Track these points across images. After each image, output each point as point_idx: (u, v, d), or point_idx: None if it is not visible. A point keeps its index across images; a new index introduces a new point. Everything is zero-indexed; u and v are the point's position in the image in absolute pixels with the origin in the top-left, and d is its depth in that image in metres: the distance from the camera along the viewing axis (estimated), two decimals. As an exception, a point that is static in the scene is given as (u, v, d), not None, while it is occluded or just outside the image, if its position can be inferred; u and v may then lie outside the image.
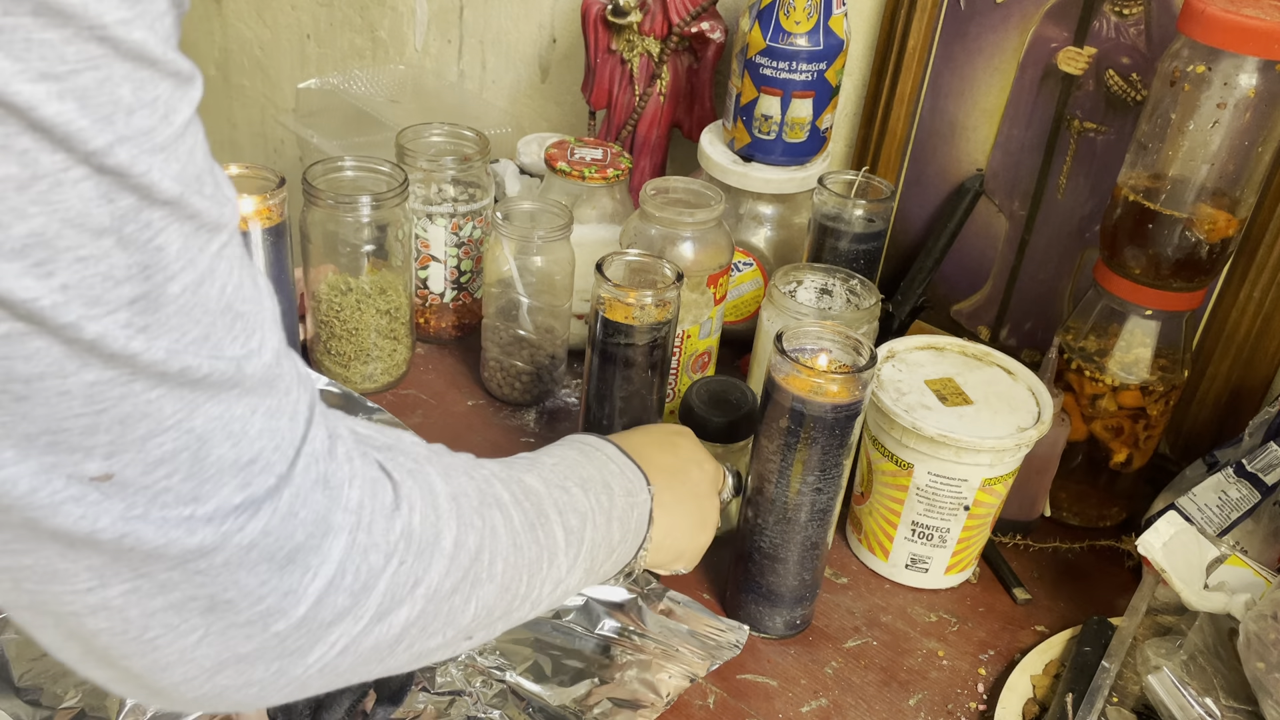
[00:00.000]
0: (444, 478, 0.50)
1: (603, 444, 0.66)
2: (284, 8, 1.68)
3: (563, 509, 0.58)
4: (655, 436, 0.72)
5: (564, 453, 0.63)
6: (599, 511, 0.60)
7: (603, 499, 0.61)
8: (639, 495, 0.65)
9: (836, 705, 0.72)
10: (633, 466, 0.65)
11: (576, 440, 0.66)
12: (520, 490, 0.56)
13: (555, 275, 0.92)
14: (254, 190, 0.83)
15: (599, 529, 0.60)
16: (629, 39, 1.11)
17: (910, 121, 1.02)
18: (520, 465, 0.59)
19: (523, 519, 0.54)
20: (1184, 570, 0.71)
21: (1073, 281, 0.96)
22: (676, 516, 0.68)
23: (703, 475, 0.72)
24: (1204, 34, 0.72)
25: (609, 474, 0.63)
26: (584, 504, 0.59)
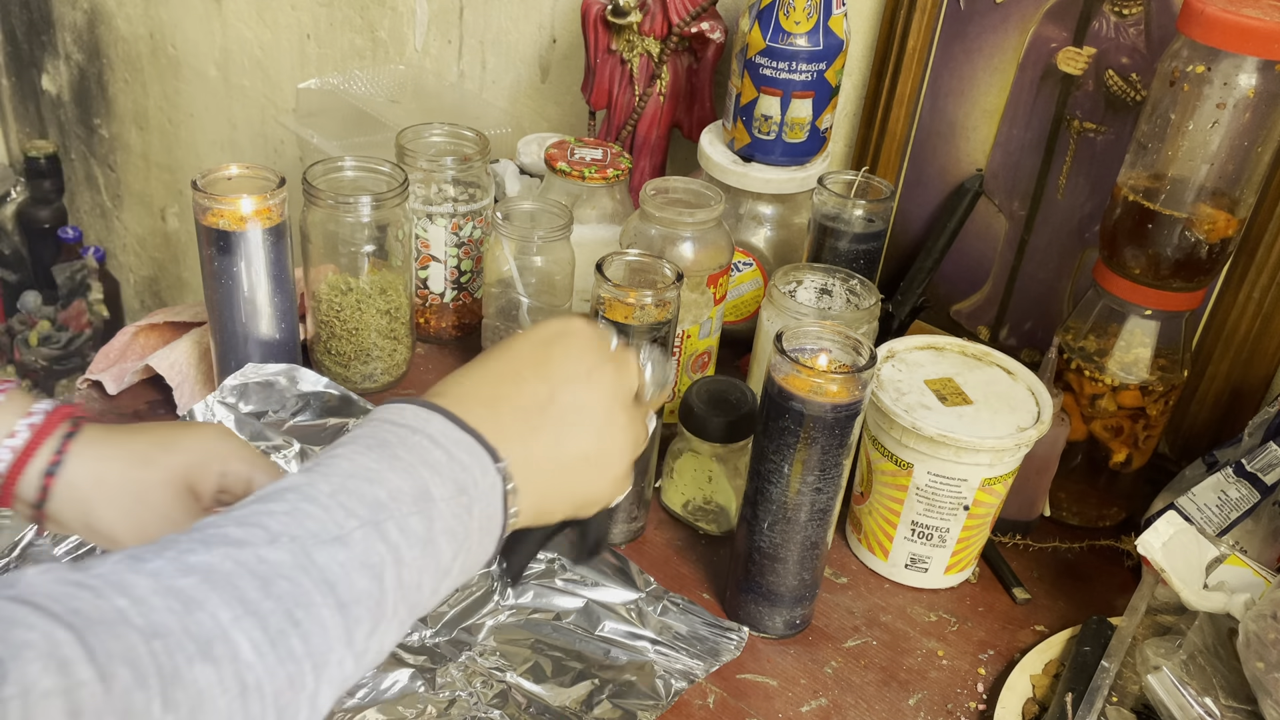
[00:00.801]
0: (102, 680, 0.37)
1: (426, 419, 0.50)
2: (284, 8, 1.68)
3: (336, 579, 0.43)
4: (513, 359, 0.55)
5: (357, 462, 0.48)
6: (408, 545, 0.46)
7: (412, 523, 0.47)
8: (481, 482, 0.50)
9: (836, 705, 0.72)
10: (469, 442, 0.50)
11: (388, 422, 0.50)
12: (257, 585, 0.41)
13: (555, 275, 0.92)
14: (254, 190, 0.83)
15: (410, 566, 0.46)
16: (629, 39, 1.11)
17: (910, 122, 1.02)
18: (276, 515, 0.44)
19: (259, 637, 0.41)
20: (1183, 570, 0.71)
21: (1072, 281, 0.96)
22: (558, 467, 0.54)
23: (592, 389, 0.55)
24: (1204, 34, 0.72)
25: (428, 471, 0.48)
26: (377, 551, 0.45)
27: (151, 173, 2.20)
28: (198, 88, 1.95)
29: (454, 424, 0.50)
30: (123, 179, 2.30)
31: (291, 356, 0.91)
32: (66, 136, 2.41)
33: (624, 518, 0.82)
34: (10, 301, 2.48)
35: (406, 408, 0.51)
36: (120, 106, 2.18)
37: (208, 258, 0.84)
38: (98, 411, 0.90)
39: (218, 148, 1.98)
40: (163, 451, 0.62)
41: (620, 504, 0.59)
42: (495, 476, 0.50)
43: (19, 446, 0.59)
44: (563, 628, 0.74)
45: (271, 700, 0.41)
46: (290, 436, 0.86)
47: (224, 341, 0.88)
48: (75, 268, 2.41)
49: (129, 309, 2.52)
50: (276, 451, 0.84)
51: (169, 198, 2.20)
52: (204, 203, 0.82)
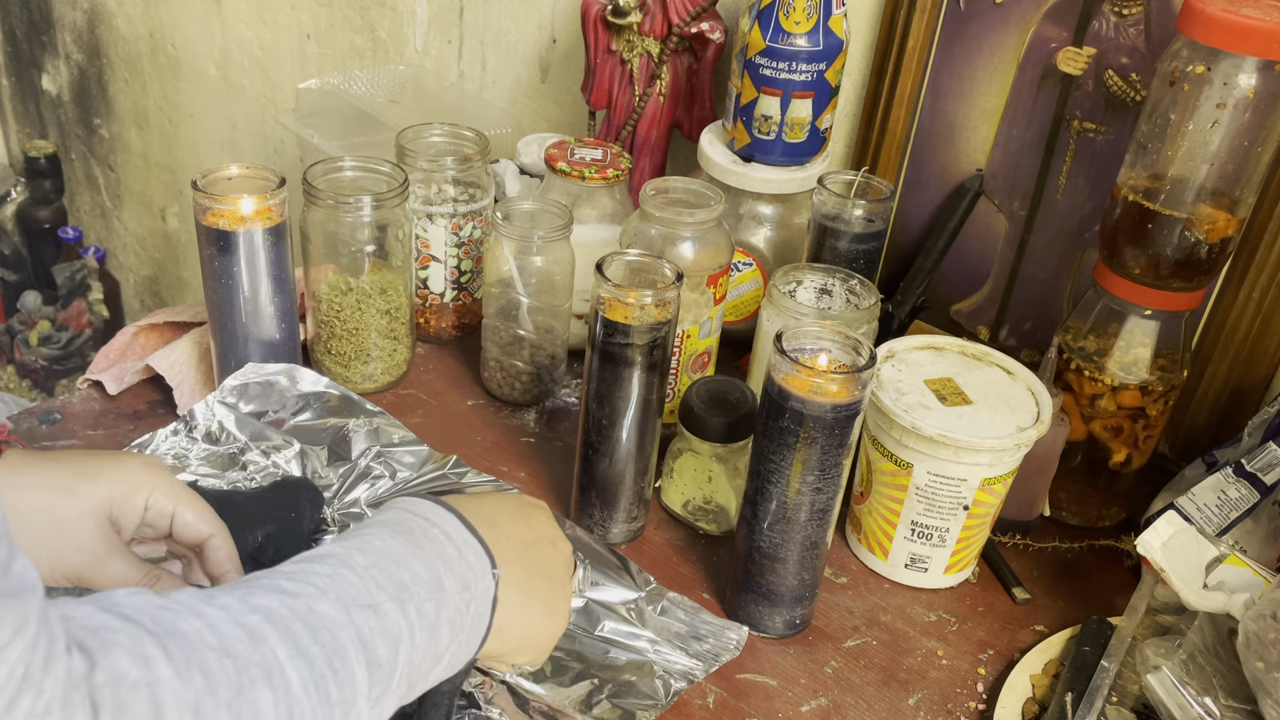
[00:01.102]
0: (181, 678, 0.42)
1: (442, 516, 0.57)
2: (284, 8, 1.68)
3: (368, 640, 0.49)
4: (509, 504, 0.65)
5: (386, 542, 0.54)
6: (420, 626, 0.52)
7: (427, 608, 0.52)
8: (480, 584, 0.56)
9: (836, 705, 0.72)
10: (475, 544, 0.57)
11: (410, 513, 0.57)
12: (307, 631, 0.47)
13: (555, 275, 0.92)
14: (254, 190, 0.83)
15: (418, 646, 0.52)
16: (629, 39, 1.11)
17: (910, 121, 1.02)
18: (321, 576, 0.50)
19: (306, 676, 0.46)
20: (1183, 570, 0.71)
21: (1072, 281, 0.96)
22: (527, 597, 0.60)
23: (556, 554, 0.64)
24: (1203, 34, 0.72)
25: (442, 563, 0.55)
26: (399, 623, 0.51)
27: (151, 173, 2.20)
28: (198, 88, 1.95)
29: (464, 526, 0.57)
30: (123, 179, 2.30)
31: (291, 356, 0.91)
32: (66, 136, 2.41)
33: (624, 517, 0.82)
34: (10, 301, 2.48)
35: (425, 503, 0.58)
36: (120, 106, 2.18)
37: (208, 258, 0.84)
38: (98, 412, 0.90)
39: (218, 148, 1.98)
40: (85, 481, 0.61)
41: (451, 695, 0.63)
42: (490, 582, 0.57)
43: None
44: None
45: None
46: (290, 436, 0.86)
47: (224, 341, 0.88)
48: (75, 268, 2.41)
49: (129, 309, 2.52)
50: (276, 451, 0.84)
51: (169, 198, 2.20)
52: (204, 203, 0.82)
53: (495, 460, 0.90)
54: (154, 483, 0.64)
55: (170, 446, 0.84)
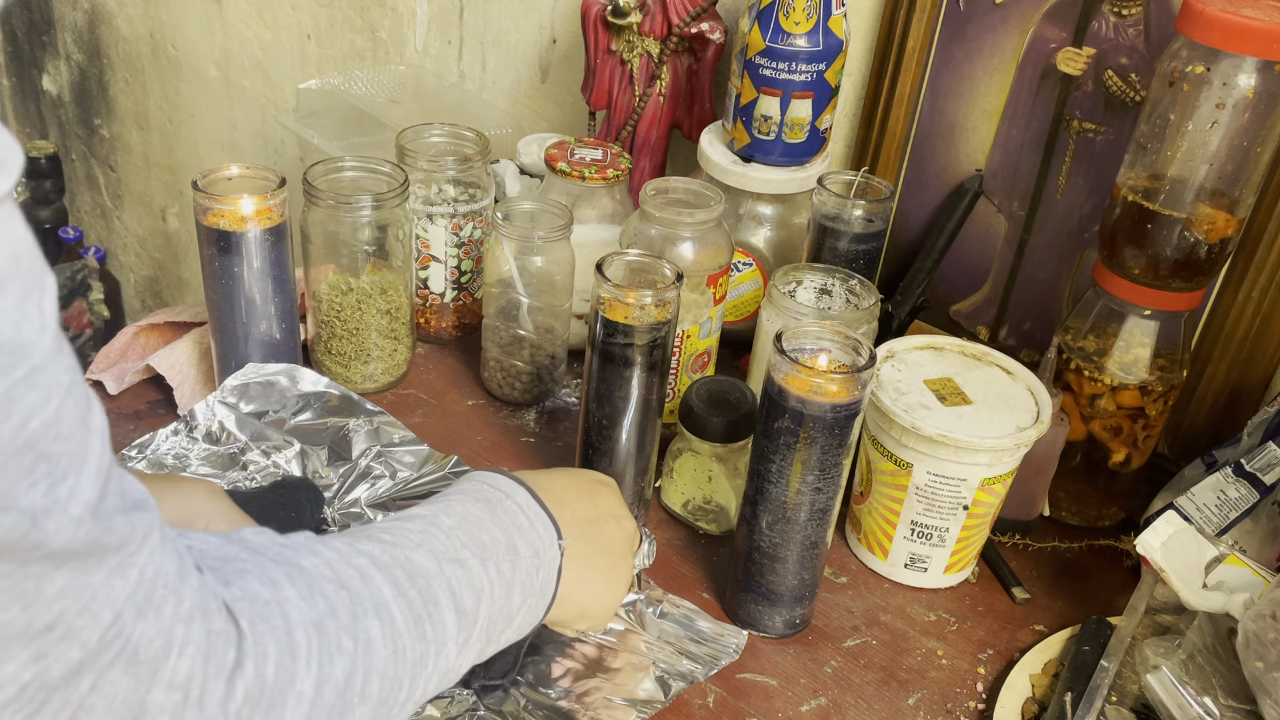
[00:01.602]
0: (306, 600, 0.46)
1: (515, 489, 0.62)
2: (284, 8, 1.69)
3: (456, 589, 0.54)
4: (577, 481, 0.68)
5: (467, 508, 0.59)
6: (499, 583, 0.56)
7: (504, 568, 0.57)
8: (547, 553, 0.61)
9: (836, 704, 0.72)
10: (544, 517, 0.61)
11: (486, 484, 0.61)
12: (405, 576, 0.52)
13: (555, 275, 0.92)
14: (254, 190, 0.83)
15: (496, 602, 0.56)
16: (629, 39, 1.11)
17: (909, 122, 1.02)
18: (413, 532, 0.55)
19: (407, 614, 0.51)
20: (1183, 570, 0.71)
21: (1072, 281, 0.96)
22: (587, 573, 0.64)
23: (620, 531, 0.68)
24: (1203, 34, 0.72)
25: (516, 531, 0.59)
26: (481, 579, 0.55)
27: (152, 173, 2.20)
28: (198, 88, 1.95)
29: (535, 500, 0.62)
30: (123, 179, 2.30)
31: (292, 356, 0.91)
32: (67, 137, 2.42)
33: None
34: (11, 301, 2.48)
35: (500, 476, 0.62)
36: (121, 107, 2.18)
37: (208, 258, 0.84)
38: (98, 411, 0.90)
39: (218, 148, 1.98)
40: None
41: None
42: (556, 552, 0.61)
43: None
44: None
45: (408, 668, 0.51)
46: (290, 436, 0.86)
47: (224, 341, 0.88)
48: (76, 268, 2.41)
49: (129, 309, 2.52)
50: (277, 451, 0.84)
51: (169, 198, 2.20)
52: (204, 203, 0.82)
53: (495, 460, 0.90)
54: (214, 510, 0.67)
55: (170, 446, 0.84)
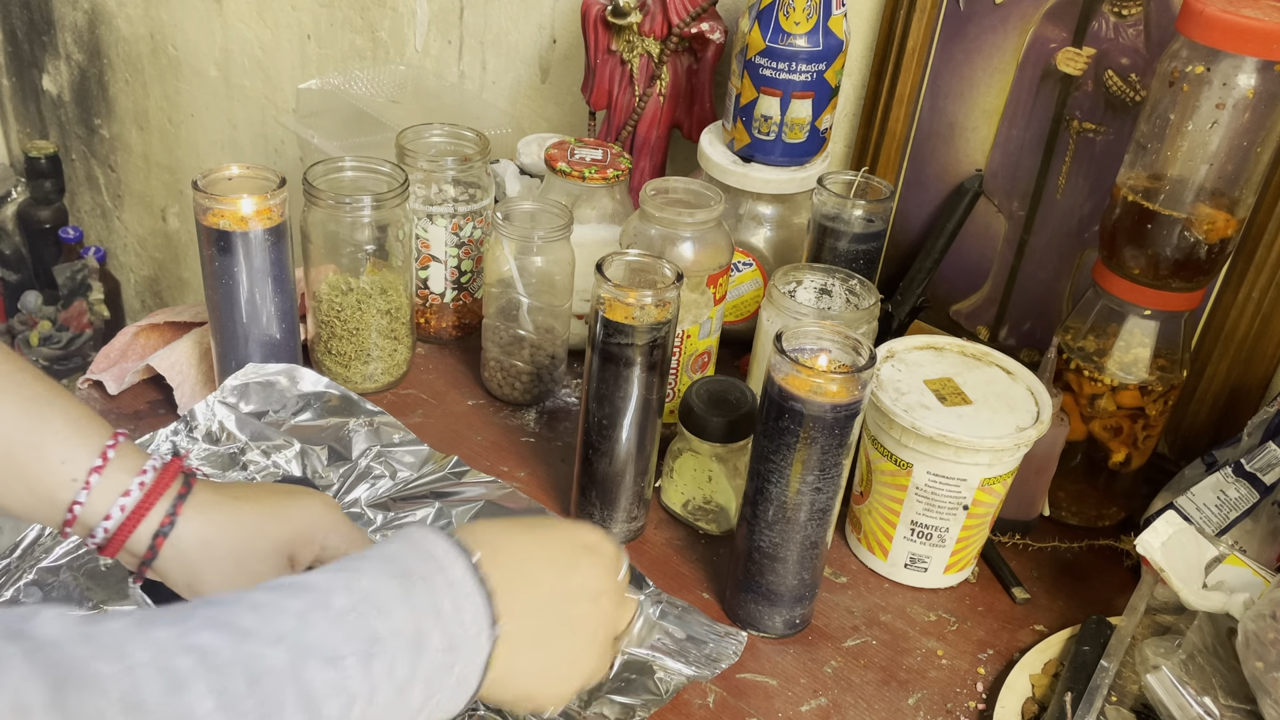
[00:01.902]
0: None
1: (453, 559, 0.52)
2: (284, 8, 1.69)
3: (315, 698, 0.45)
4: (554, 547, 0.58)
5: (377, 583, 0.49)
6: (385, 686, 0.47)
7: (398, 667, 0.48)
8: (472, 644, 0.51)
9: (836, 704, 0.72)
10: (478, 599, 0.51)
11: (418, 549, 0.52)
12: (244, 681, 0.43)
13: (555, 275, 0.92)
14: (254, 190, 0.83)
15: (378, 706, 0.47)
16: (629, 39, 1.11)
17: (909, 122, 1.02)
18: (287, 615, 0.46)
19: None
20: (1183, 570, 0.71)
21: (1072, 281, 0.96)
22: (535, 658, 0.55)
23: (595, 612, 0.58)
24: (1203, 34, 0.72)
25: (433, 617, 0.50)
26: (358, 683, 0.46)
27: (152, 173, 2.20)
28: (198, 88, 1.95)
29: (472, 574, 0.52)
30: (123, 179, 2.31)
31: (292, 356, 0.91)
32: (67, 136, 2.42)
33: (624, 517, 0.82)
34: (11, 301, 2.49)
35: (441, 541, 0.52)
36: (121, 107, 2.18)
37: (208, 258, 0.84)
38: (98, 411, 0.90)
39: (218, 148, 1.98)
40: (272, 521, 0.63)
41: None
42: (487, 641, 0.52)
43: (130, 506, 0.60)
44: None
45: None
46: (291, 436, 0.86)
47: (224, 341, 0.88)
48: (76, 268, 2.41)
49: (130, 309, 2.52)
50: (277, 451, 0.84)
51: (169, 198, 2.20)
52: (204, 203, 0.82)
53: (495, 460, 0.90)
54: (333, 524, 0.66)
55: (171, 446, 0.84)
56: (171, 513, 0.60)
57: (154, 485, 0.60)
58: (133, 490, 0.60)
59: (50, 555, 0.73)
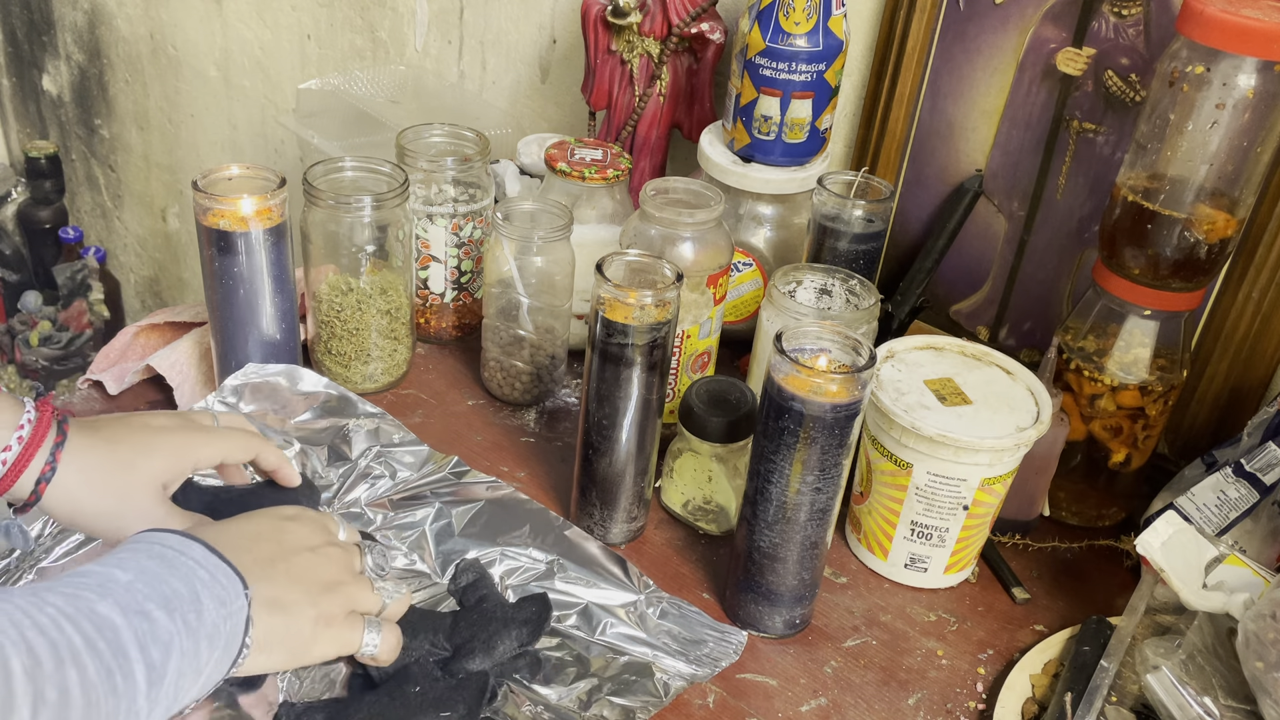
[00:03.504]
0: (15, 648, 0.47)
1: (188, 545, 0.59)
2: (284, 8, 1.69)
3: (144, 642, 0.52)
4: (256, 525, 0.66)
5: (143, 563, 0.56)
6: (185, 635, 0.54)
7: (189, 618, 0.55)
8: (234, 603, 0.58)
9: (836, 704, 0.72)
10: (226, 568, 0.59)
11: (157, 543, 0.58)
12: (93, 628, 0.50)
13: (555, 275, 0.92)
14: (254, 190, 0.83)
15: (185, 655, 0.54)
16: (629, 40, 1.11)
17: (909, 122, 1.02)
18: (90, 588, 0.53)
19: (98, 666, 0.49)
20: (1183, 570, 0.71)
21: (1072, 281, 0.96)
22: (283, 613, 0.62)
23: (315, 560, 0.65)
24: (1203, 34, 0.72)
25: (197, 583, 0.57)
26: (167, 630, 0.53)
27: (152, 173, 2.20)
28: (198, 88, 1.95)
29: (211, 552, 0.59)
30: (123, 179, 2.31)
31: (292, 356, 0.91)
32: (67, 137, 2.42)
33: (624, 517, 0.82)
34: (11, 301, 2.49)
35: (170, 535, 0.60)
36: (121, 107, 2.18)
37: (208, 258, 0.84)
38: (98, 412, 0.90)
39: (218, 148, 1.98)
40: (142, 456, 0.68)
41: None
42: (243, 601, 0.59)
43: (11, 460, 0.64)
44: (562, 630, 0.74)
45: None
46: (290, 436, 0.86)
47: (224, 341, 0.88)
48: (76, 268, 2.41)
49: (130, 309, 2.52)
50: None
51: (169, 198, 2.20)
52: (205, 203, 0.82)
53: (495, 460, 0.90)
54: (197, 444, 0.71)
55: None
56: (51, 460, 0.64)
57: (31, 438, 0.64)
58: (12, 446, 0.63)
59: (50, 555, 0.73)
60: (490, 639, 0.69)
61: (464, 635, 0.70)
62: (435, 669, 0.68)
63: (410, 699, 0.65)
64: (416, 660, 0.68)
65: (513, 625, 0.70)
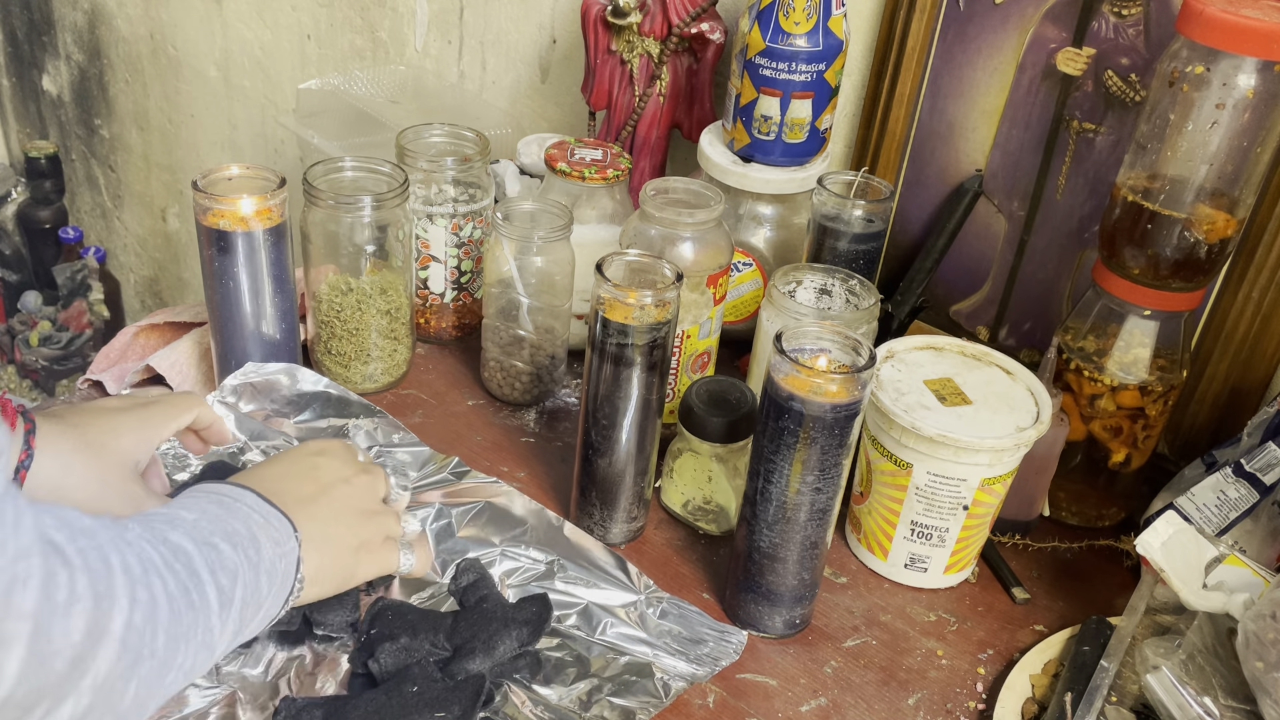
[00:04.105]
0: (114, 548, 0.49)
1: (241, 493, 0.63)
2: (284, 8, 1.69)
3: (214, 568, 0.56)
4: (292, 466, 0.70)
5: (204, 506, 0.60)
6: (247, 567, 0.58)
7: (250, 553, 0.59)
8: (286, 544, 0.63)
9: (836, 705, 0.72)
10: (276, 513, 0.63)
11: (212, 492, 0.62)
12: (169, 551, 0.54)
13: (555, 275, 0.92)
14: (255, 190, 0.83)
15: (248, 586, 0.58)
16: (629, 40, 1.11)
17: (909, 122, 1.02)
18: (161, 520, 0.56)
19: (177, 584, 0.53)
20: (1183, 570, 0.71)
21: (1072, 282, 0.96)
22: (328, 547, 0.67)
23: (350, 491, 0.70)
24: (1203, 34, 0.72)
25: (254, 525, 0.61)
26: (233, 560, 0.57)
27: (152, 173, 2.20)
28: (198, 88, 1.95)
29: (263, 499, 0.64)
30: (123, 179, 2.31)
31: (292, 356, 0.91)
32: (67, 137, 2.42)
33: (624, 517, 0.82)
34: (11, 302, 2.49)
35: (224, 485, 0.64)
36: (121, 107, 2.18)
37: (208, 258, 0.84)
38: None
39: (218, 148, 1.98)
40: (110, 436, 0.69)
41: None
42: (294, 543, 0.64)
43: None
44: (562, 629, 0.74)
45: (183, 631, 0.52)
46: (290, 436, 0.86)
47: (224, 341, 0.88)
48: (76, 268, 2.41)
49: (129, 309, 2.52)
50: (276, 451, 0.84)
51: (169, 198, 2.20)
52: (204, 203, 0.82)
53: (495, 460, 0.90)
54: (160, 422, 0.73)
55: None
56: (27, 447, 0.65)
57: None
58: None
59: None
60: (491, 639, 0.69)
61: (464, 635, 0.70)
62: (435, 670, 0.68)
63: (408, 698, 0.65)
64: (418, 661, 0.68)
65: (513, 625, 0.70)
